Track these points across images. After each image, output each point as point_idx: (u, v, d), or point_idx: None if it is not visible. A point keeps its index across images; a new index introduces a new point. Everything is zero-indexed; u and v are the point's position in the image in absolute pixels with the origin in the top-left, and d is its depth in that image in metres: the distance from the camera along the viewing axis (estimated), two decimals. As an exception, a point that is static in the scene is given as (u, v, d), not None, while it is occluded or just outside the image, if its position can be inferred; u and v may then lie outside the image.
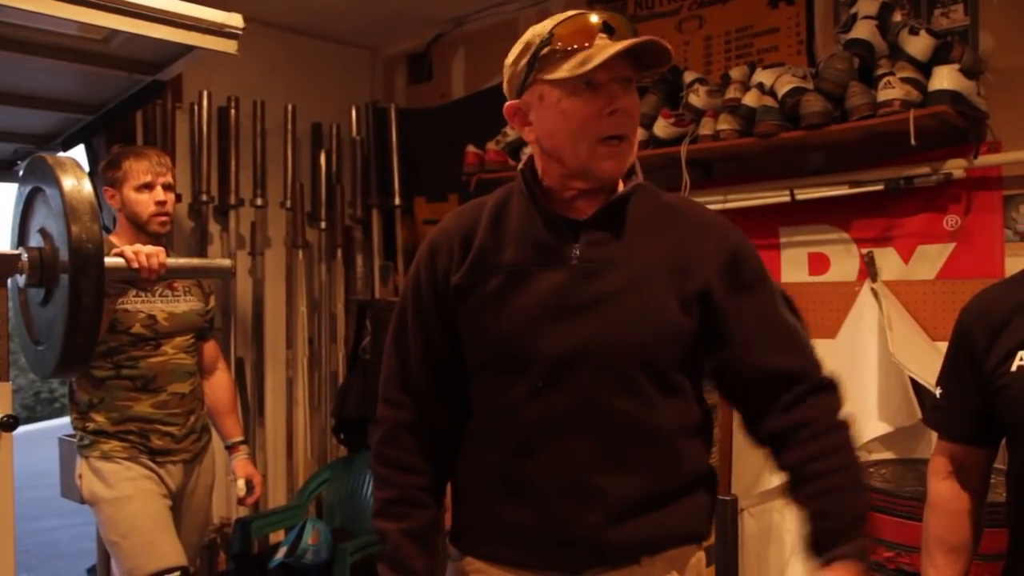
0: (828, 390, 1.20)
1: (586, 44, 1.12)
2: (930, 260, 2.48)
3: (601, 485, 1.14)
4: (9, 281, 1.65)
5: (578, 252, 1.17)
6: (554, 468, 1.15)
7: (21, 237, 1.75)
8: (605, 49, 1.11)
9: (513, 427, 1.18)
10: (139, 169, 2.18)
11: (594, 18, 1.15)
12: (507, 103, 1.23)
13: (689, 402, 1.20)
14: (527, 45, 1.18)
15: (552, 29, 1.15)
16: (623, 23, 1.15)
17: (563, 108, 1.15)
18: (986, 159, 2.35)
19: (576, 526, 1.14)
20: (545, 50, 1.15)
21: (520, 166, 1.26)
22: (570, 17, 1.15)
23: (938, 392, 1.43)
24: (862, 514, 1.14)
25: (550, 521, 1.16)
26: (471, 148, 3.27)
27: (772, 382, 1.17)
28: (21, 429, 1.57)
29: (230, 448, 2.45)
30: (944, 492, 1.41)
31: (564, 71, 1.13)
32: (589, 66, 1.11)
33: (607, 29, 1.13)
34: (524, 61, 1.19)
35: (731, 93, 2.58)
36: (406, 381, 1.27)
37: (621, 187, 1.23)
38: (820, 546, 1.12)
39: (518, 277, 1.18)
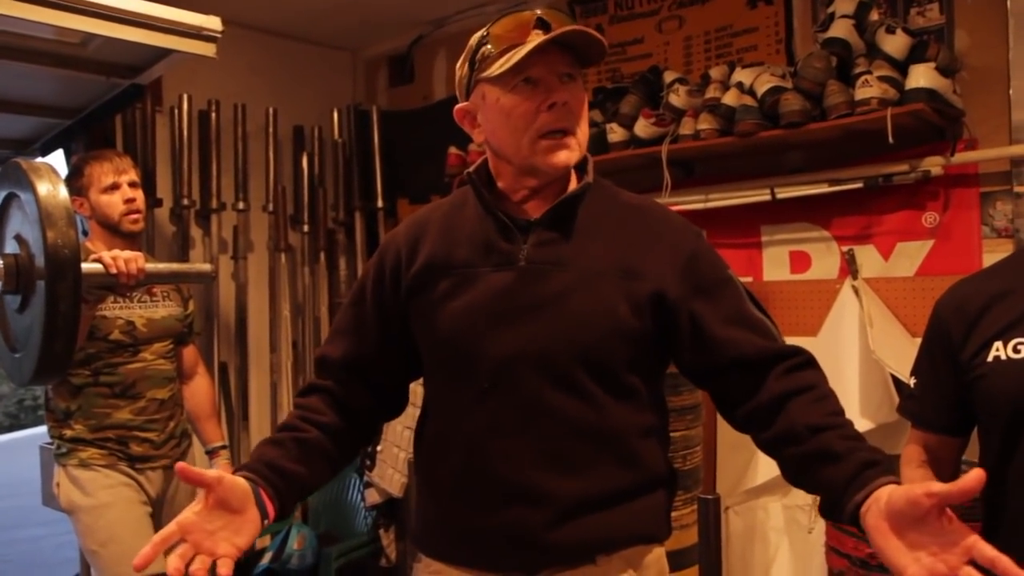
0: (818, 367, 1.20)
1: (518, 41, 1.13)
2: (909, 257, 2.50)
3: (547, 487, 1.14)
4: (-15, 287, 1.64)
5: (526, 253, 1.17)
6: (502, 470, 1.15)
7: (-4, 243, 1.73)
8: (533, 42, 1.12)
9: (463, 429, 1.19)
10: (101, 171, 2.16)
11: (528, 14, 1.15)
12: (456, 106, 1.24)
13: (643, 403, 1.18)
14: (469, 47, 1.20)
15: (489, 29, 1.16)
16: (559, 18, 1.14)
17: (503, 105, 1.15)
18: (963, 156, 2.37)
19: (525, 527, 1.14)
20: (483, 50, 1.16)
21: (469, 169, 1.25)
22: (507, 15, 1.16)
23: (912, 382, 1.43)
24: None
25: (501, 522, 1.15)
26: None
27: (763, 361, 1.15)
28: (5, 436, 1.55)
29: (211, 453, 2.43)
30: (916, 480, 1.42)
31: (497, 67, 1.13)
32: (516, 59, 1.11)
33: (541, 24, 1.13)
34: (467, 63, 1.20)
35: (711, 93, 2.60)
36: (333, 353, 1.29)
37: (575, 186, 1.22)
38: (865, 478, 1.03)
39: (468, 279, 1.19)
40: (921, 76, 2.23)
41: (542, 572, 1.16)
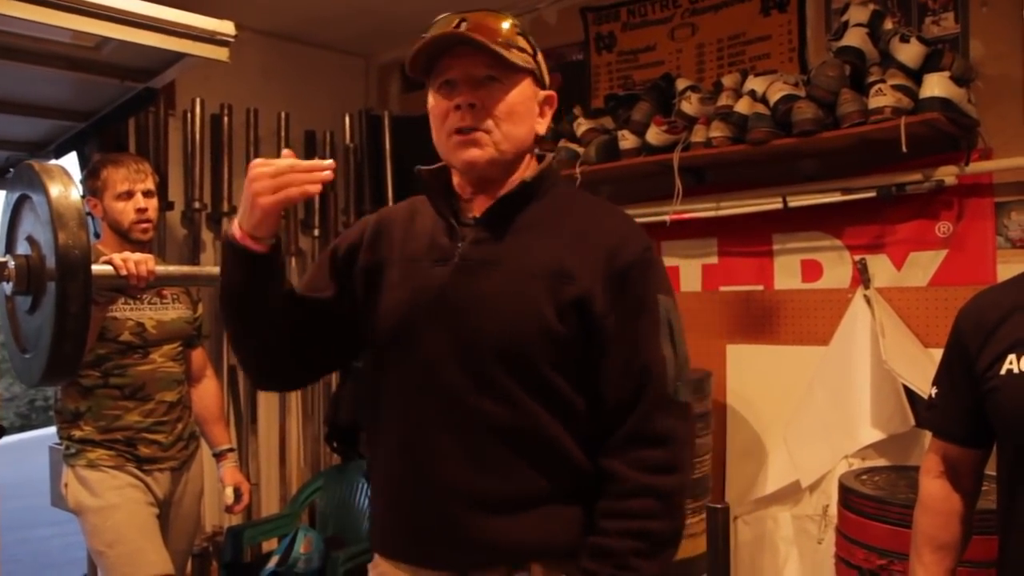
0: (656, 444, 1.13)
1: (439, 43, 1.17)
2: (922, 267, 2.48)
3: (471, 485, 1.14)
4: (-4, 288, 1.65)
5: (461, 250, 1.19)
6: (431, 467, 1.16)
7: (9, 245, 1.74)
8: (426, 38, 1.16)
9: (397, 426, 1.21)
10: (117, 178, 2.17)
11: (454, 17, 1.18)
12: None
13: (568, 406, 1.16)
14: None
15: (422, 35, 1.20)
16: (473, 21, 1.16)
17: (430, 107, 1.21)
18: (977, 166, 2.35)
19: (452, 524, 1.15)
20: (414, 57, 1.20)
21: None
22: (435, 23, 1.20)
23: (933, 391, 1.42)
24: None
25: (431, 518, 1.17)
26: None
27: (610, 416, 1.14)
28: (16, 437, 1.56)
29: (218, 456, 2.43)
30: (935, 492, 1.41)
31: (408, 69, 1.20)
32: (414, 55, 1.17)
33: (458, 27, 1.16)
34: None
35: (723, 100, 2.59)
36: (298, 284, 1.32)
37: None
38: None
39: (410, 272, 1.22)
40: (935, 85, 2.22)
41: (471, 572, 1.16)
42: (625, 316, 1.14)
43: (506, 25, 1.19)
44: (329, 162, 1.15)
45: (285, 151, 1.18)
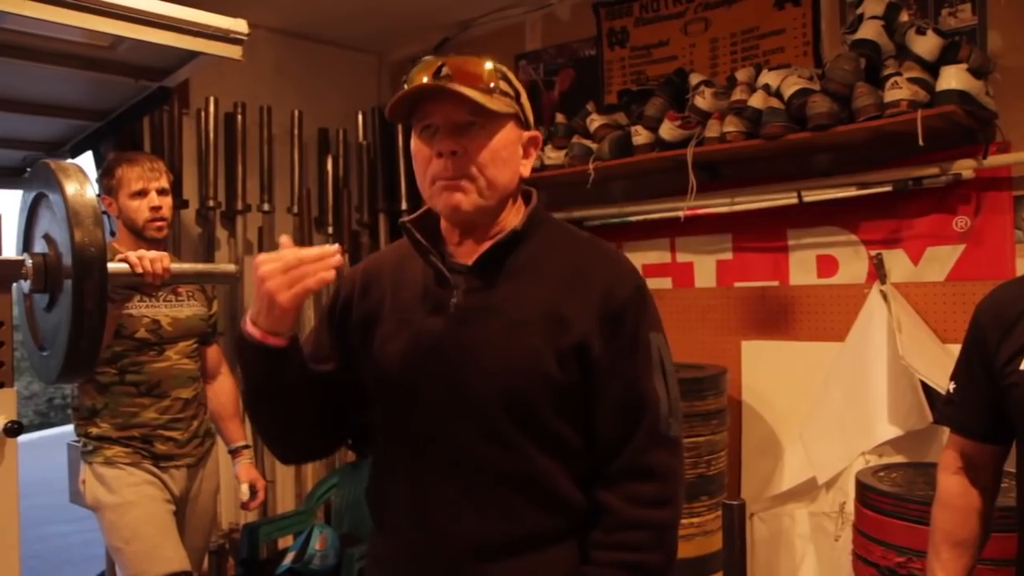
0: (649, 478, 1.14)
1: (417, 87, 1.15)
2: (940, 262, 2.46)
3: (475, 533, 1.15)
4: (14, 287, 1.66)
5: (456, 300, 1.18)
6: (435, 516, 1.17)
7: (26, 243, 1.75)
8: (407, 87, 1.14)
9: (403, 473, 1.21)
10: (131, 176, 2.18)
11: (432, 62, 1.15)
12: None
13: (571, 448, 1.16)
14: None
15: (404, 77, 1.18)
16: (457, 67, 1.14)
17: (413, 151, 1.20)
18: (996, 159, 2.33)
19: (456, 572, 1.16)
20: (396, 101, 1.18)
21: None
22: (421, 61, 1.17)
23: (951, 387, 1.41)
24: None
25: (434, 567, 1.17)
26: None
27: (605, 451, 1.15)
28: (35, 435, 1.58)
29: (233, 453, 2.45)
30: (953, 487, 1.40)
31: (389, 114, 1.18)
32: (391, 104, 1.15)
33: (437, 75, 1.13)
34: None
35: (737, 95, 2.57)
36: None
37: (514, 225, 1.20)
38: None
39: (405, 323, 1.21)
40: (952, 78, 2.19)
41: None
42: (619, 355, 1.14)
43: (488, 67, 1.17)
44: (335, 247, 1.14)
45: (283, 239, 1.17)
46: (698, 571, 2.42)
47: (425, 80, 1.14)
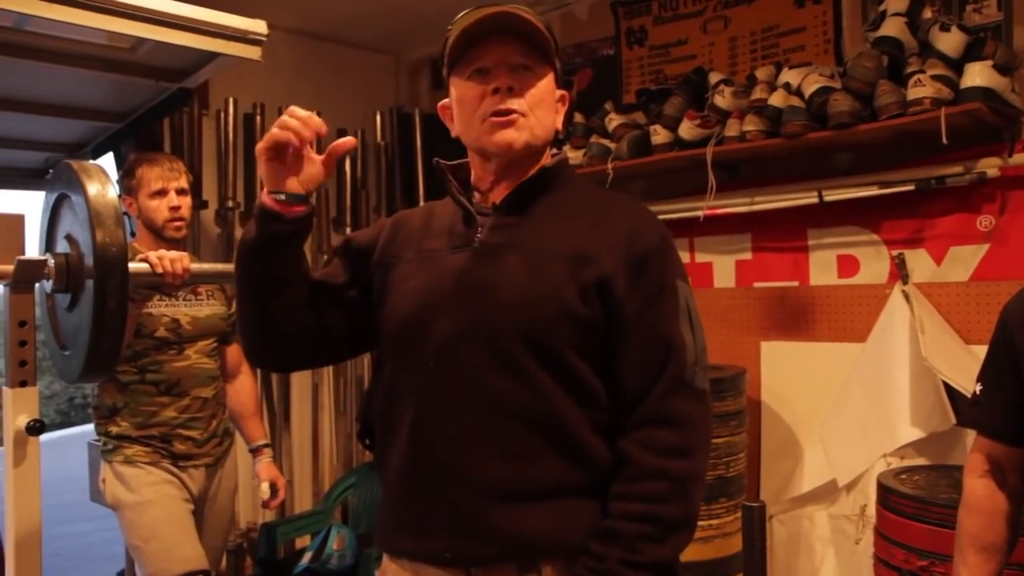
0: (670, 425, 1.11)
1: (472, 33, 1.18)
2: (963, 262, 2.43)
3: (482, 471, 1.12)
4: (37, 287, 1.67)
5: (482, 235, 1.20)
6: (441, 452, 1.14)
7: (48, 243, 1.77)
8: (466, 22, 1.16)
9: (409, 411, 1.18)
10: (151, 176, 2.19)
11: (487, 9, 1.17)
12: (439, 103, 1.31)
13: (593, 396, 1.14)
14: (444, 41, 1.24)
15: (453, 21, 1.20)
16: (505, 12, 1.16)
17: (460, 95, 1.21)
18: (1021, 157, 2.29)
19: (459, 512, 1.13)
20: (446, 48, 1.22)
21: (440, 160, 1.31)
22: (471, 9, 1.19)
23: (978, 388, 1.39)
24: (639, 563, 1.07)
25: (438, 506, 1.14)
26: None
27: (629, 400, 1.13)
28: (56, 433, 1.59)
29: (254, 452, 2.45)
30: (980, 490, 1.38)
31: (448, 60, 1.21)
32: (448, 45, 1.19)
33: (488, 19, 1.16)
34: (442, 58, 1.25)
35: (757, 94, 2.55)
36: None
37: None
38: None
39: (427, 260, 1.23)
40: (977, 75, 2.17)
41: (476, 568, 1.13)
42: (645, 299, 1.13)
43: (537, 20, 1.20)
44: (318, 121, 1.17)
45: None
46: (718, 573, 2.40)
47: (477, 18, 1.16)
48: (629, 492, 1.10)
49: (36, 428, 1.56)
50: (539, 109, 1.19)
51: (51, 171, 3.37)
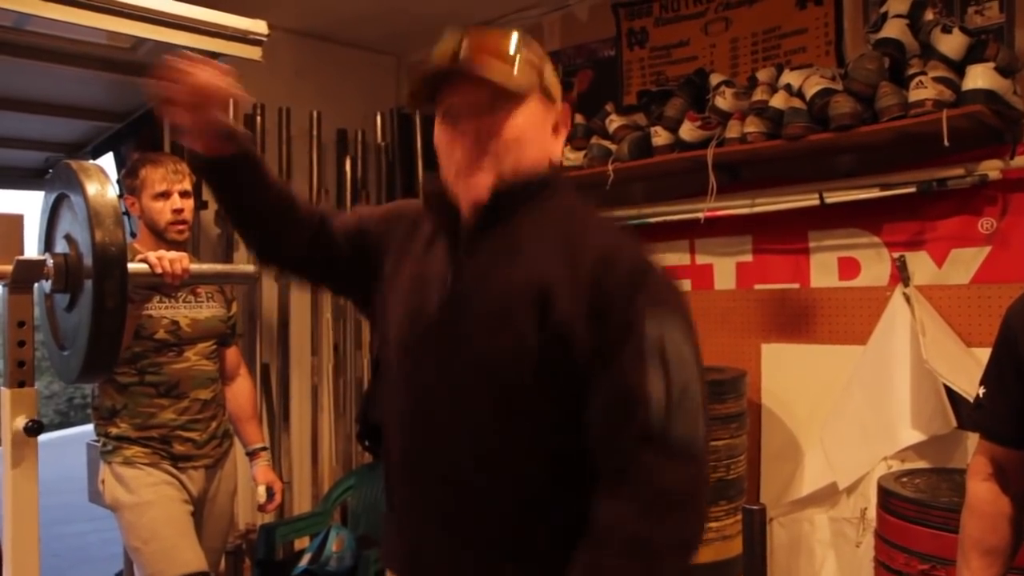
0: (634, 485, 1.01)
1: (439, 69, 1.11)
2: (964, 264, 2.42)
3: (433, 546, 1.14)
4: (36, 287, 1.67)
5: (451, 278, 1.13)
6: (427, 496, 1.15)
7: (47, 243, 1.76)
8: (428, 72, 1.11)
9: (396, 444, 1.20)
10: (155, 177, 2.18)
11: (450, 43, 1.10)
12: None
13: (569, 456, 1.06)
14: None
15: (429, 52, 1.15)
16: (476, 43, 1.08)
17: (436, 139, 1.16)
18: (1023, 160, 2.29)
19: (435, 559, 1.13)
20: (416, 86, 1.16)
21: (427, 175, 1.26)
22: (442, 40, 1.13)
23: (981, 391, 1.38)
24: None
25: (414, 548, 1.16)
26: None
27: (593, 452, 1.05)
28: (55, 434, 1.58)
29: (251, 455, 2.45)
30: (983, 494, 1.37)
31: (412, 103, 1.19)
32: (410, 94, 1.16)
33: (454, 57, 1.09)
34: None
35: (758, 95, 2.55)
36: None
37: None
38: None
39: (408, 288, 1.20)
40: (979, 77, 2.16)
41: None
42: (605, 349, 1.02)
43: (509, 41, 1.11)
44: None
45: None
46: (718, 576, 2.40)
47: (447, 51, 1.10)
48: (583, 564, 1.00)
49: (34, 429, 1.55)
50: (516, 148, 1.10)
51: (51, 171, 3.38)
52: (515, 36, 1.12)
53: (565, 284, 1.04)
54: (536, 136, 1.13)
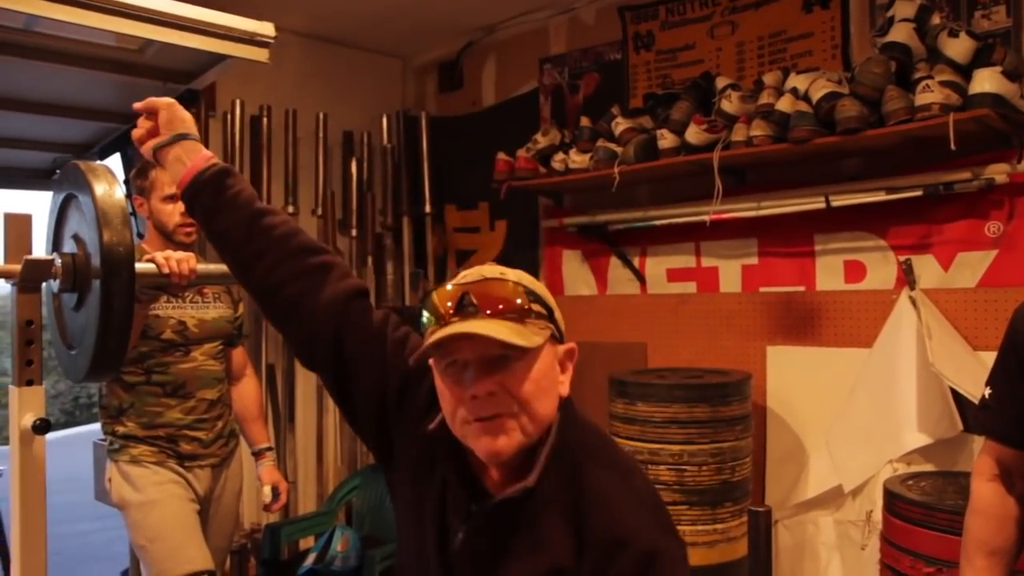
0: None
1: (443, 318, 1.03)
2: (971, 267, 2.42)
3: None
4: (43, 286, 1.68)
5: (460, 539, 1.08)
6: None
7: (55, 243, 1.77)
8: (435, 335, 1.02)
9: None
10: (165, 180, 2.19)
11: (454, 290, 1.04)
12: None
13: None
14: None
15: (427, 298, 1.08)
16: (482, 294, 1.02)
17: (438, 385, 1.08)
18: (1029, 164, 2.29)
19: None
20: (423, 319, 1.07)
21: (431, 426, 1.13)
22: (439, 288, 1.07)
23: (987, 392, 1.38)
24: None
25: None
26: (501, 155, 3.27)
27: None
28: (60, 433, 1.59)
29: (256, 455, 2.45)
30: (988, 495, 1.37)
31: (419, 352, 1.07)
32: (416, 355, 1.06)
33: (460, 307, 1.02)
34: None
35: (764, 99, 2.55)
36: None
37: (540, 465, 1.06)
38: None
39: (416, 532, 1.15)
40: (986, 80, 2.16)
41: None
42: None
43: (517, 289, 1.04)
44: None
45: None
46: (722, 579, 2.39)
47: (450, 305, 1.03)
48: None
49: (42, 427, 1.56)
50: (533, 402, 1.03)
51: (58, 171, 3.39)
52: (519, 282, 1.06)
53: (574, 570, 1.01)
54: (551, 384, 1.07)
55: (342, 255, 3.65)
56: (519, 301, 1.03)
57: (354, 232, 3.65)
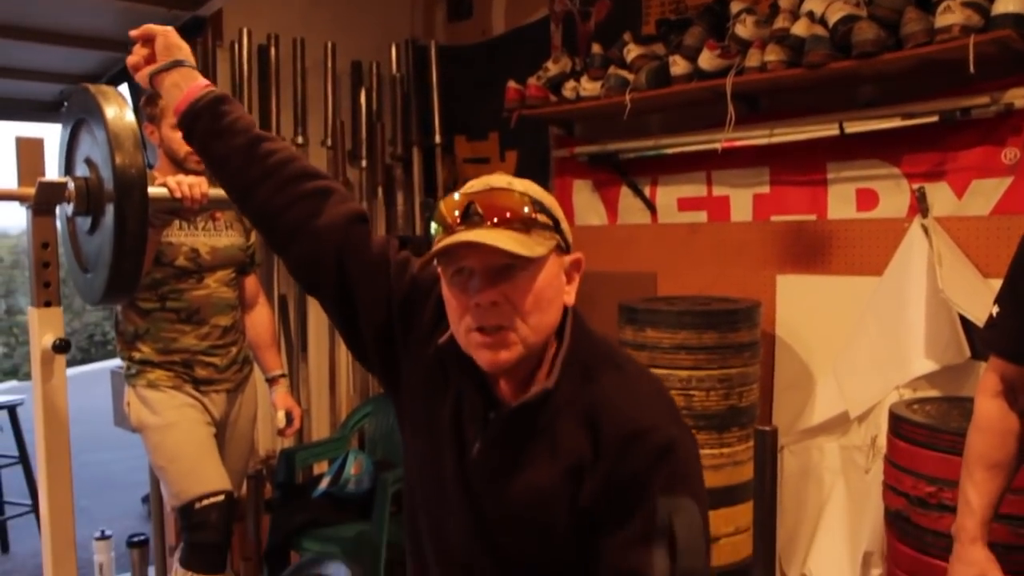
0: None
1: (450, 227, 1.05)
2: (985, 195, 2.40)
3: None
4: (57, 210, 1.69)
5: (478, 448, 1.11)
6: None
7: (67, 168, 1.78)
8: (440, 243, 1.04)
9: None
10: None
11: (460, 199, 1.05)
12: None
13: None
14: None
15: (436, 208, 1.08)
16: (488, 204, 1.03)
17: (445, 295, 1.09)
18: (1050, 88, 2.25)
19: None
20: (431, 230, 1.09)
21: (442, 343, 1.15)
22: (447, 198, 1.07)
23: (995, 311, 1.39)
24: None
25: None
26: (512, 84, 3.23)
27: None
28: (76, 369, 1.62)
29: (270, 381, 2.50)
30: (991, 411, 1.39)
31: (424, 259, 1.08)
32: (421, 261, 1.09)
33: (466, 215, 1.03)
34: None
35: (779, 23, 2.49)
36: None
37: (545, 376, 1.10)
38: None
39: (428, 444, 1.18)
40: (1010, 0, 2.10)
41: None
42: (617, 524, 1.03)
43: (524, 198, 1.05)
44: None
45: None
46: (728, 500, 2.44)
47: (456, 215, 1.04)
48: None
49: (62, 346, 1.59)
50: (536, 313, 1.04)
51: (66, 103, 3.37)
52: (525, 191, 1.06)
53: (591, 467, 1.05)
54: (555, 294, 1.08)
55: (352, 186, 3.65)
56: (525, 211, 1.04)
57: (364, 163, 3.64)
